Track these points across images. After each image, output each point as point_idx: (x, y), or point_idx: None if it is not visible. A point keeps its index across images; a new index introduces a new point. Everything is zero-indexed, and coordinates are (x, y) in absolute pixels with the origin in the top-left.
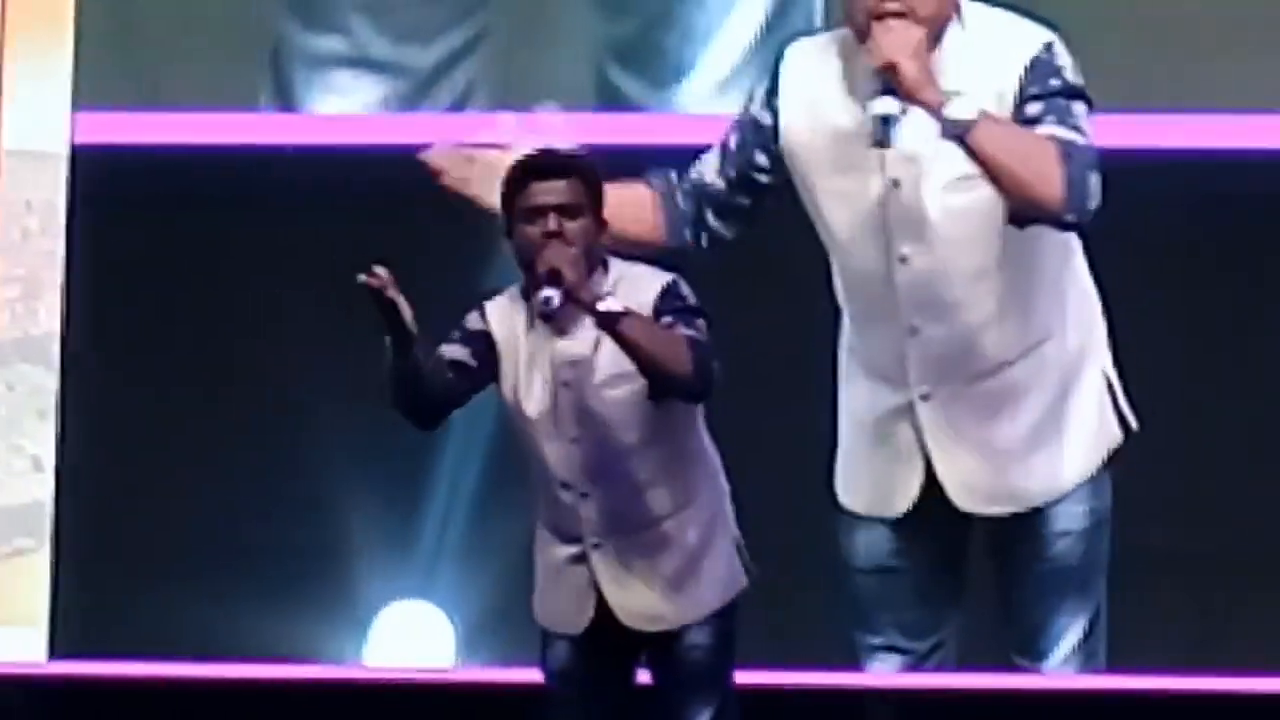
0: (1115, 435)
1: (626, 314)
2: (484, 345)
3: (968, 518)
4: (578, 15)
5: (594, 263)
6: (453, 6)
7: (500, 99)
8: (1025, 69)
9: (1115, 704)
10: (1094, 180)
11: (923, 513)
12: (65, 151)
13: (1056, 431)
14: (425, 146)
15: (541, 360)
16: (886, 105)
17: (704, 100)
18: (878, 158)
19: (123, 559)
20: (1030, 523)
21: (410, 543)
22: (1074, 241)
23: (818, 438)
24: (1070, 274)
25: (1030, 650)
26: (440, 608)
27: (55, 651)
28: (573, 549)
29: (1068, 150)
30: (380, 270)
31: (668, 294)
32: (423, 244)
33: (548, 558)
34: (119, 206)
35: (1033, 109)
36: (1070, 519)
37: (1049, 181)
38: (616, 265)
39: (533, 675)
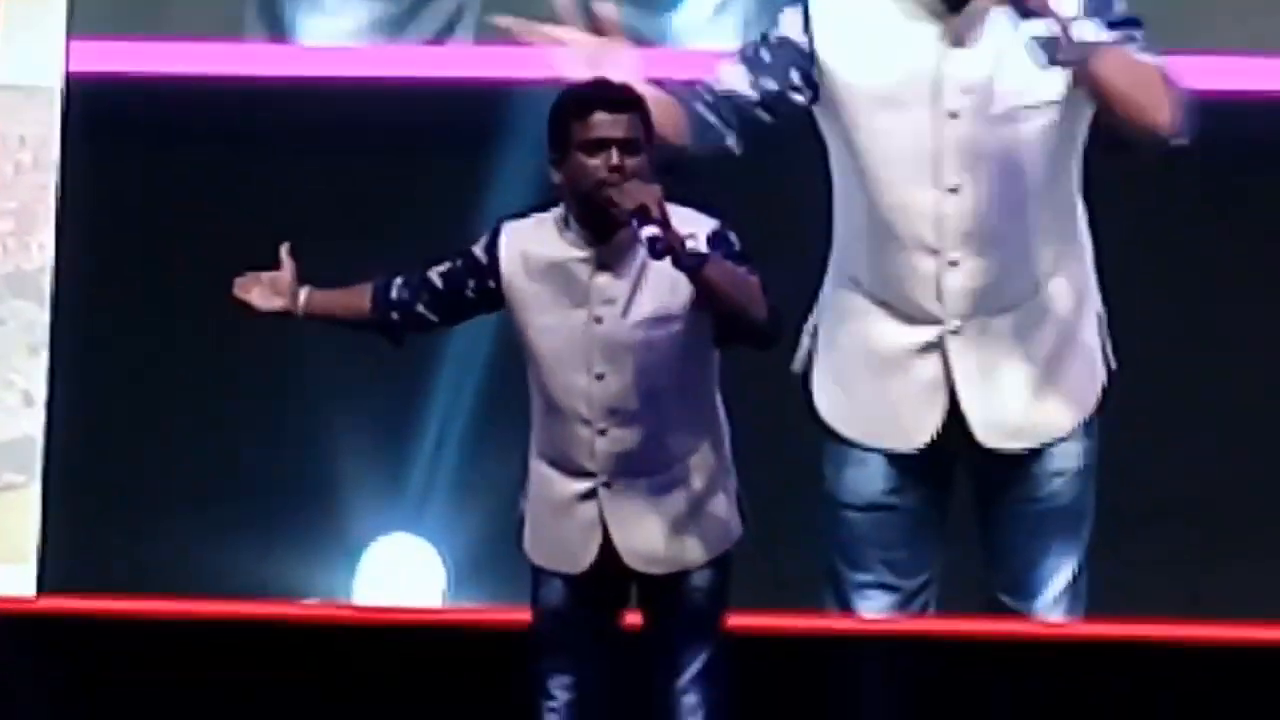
0: (1103, 375)
1: (711, 256)
2: (484, 277)
3: (957, 455)
4: None
5: None
6: None
7: (486, 25)
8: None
9: (1099, 651)
10: (1188, 103)
11: (928, 450)
12: (59, 86)
13: (1066, 366)
14: (422, 79)
15: (575, 293)
16: (1035, 29)
17: (698, 28)
18: (930, 92)
19: (112, 495)
20: (1027, 462)
21: (401, 477)
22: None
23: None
24: (1078, 209)
25: (1018, 590)
26: (430, 542)
27: (44, 587)
28: (582, 485)
29: (1167, 75)
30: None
31: (720, 239)
32: (420, 175)
33: (550, 494)
34: (113, 138)
35: (1109, 37)
36: (1065, 459)
37: (1162, 106)
38: None
39: (522, 614)
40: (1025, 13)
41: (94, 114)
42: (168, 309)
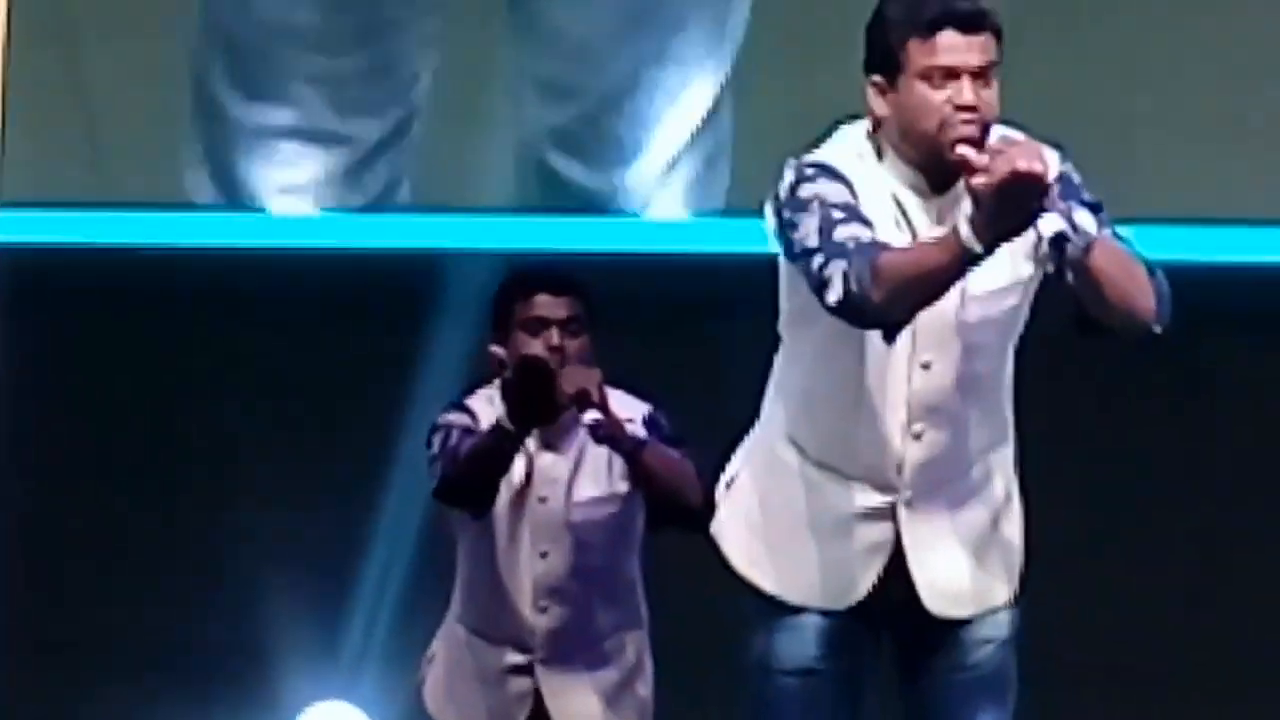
0: (1021, 549)
1: (649, 441)
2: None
3: (884, 622)
4: (512, 100)
5: None
6: (397, 82)
7: (434, 175)
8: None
9: None
10: (1167, 291)
11: (857, 613)
12: None
13: (1000, 538)
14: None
15: (520, 473)
16: (1056, 223)
17: (648, 186)
18: None
19: (47, 665)
20: (957, 630)
21: (335, 644)
22: None
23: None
24: (1009, 388)
25: None
26: (364, 710)
27: None
28: (518, 659)
29: (1148, 263)
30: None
31: (654, 423)
32: (362, 344)
33: (478, 664)
34: (43, 309)
35: (1094, 226)
36: (994, 627)
37: (1147, 294)
38: None
39: None
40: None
41: (23, 285)
42: (102, 481)
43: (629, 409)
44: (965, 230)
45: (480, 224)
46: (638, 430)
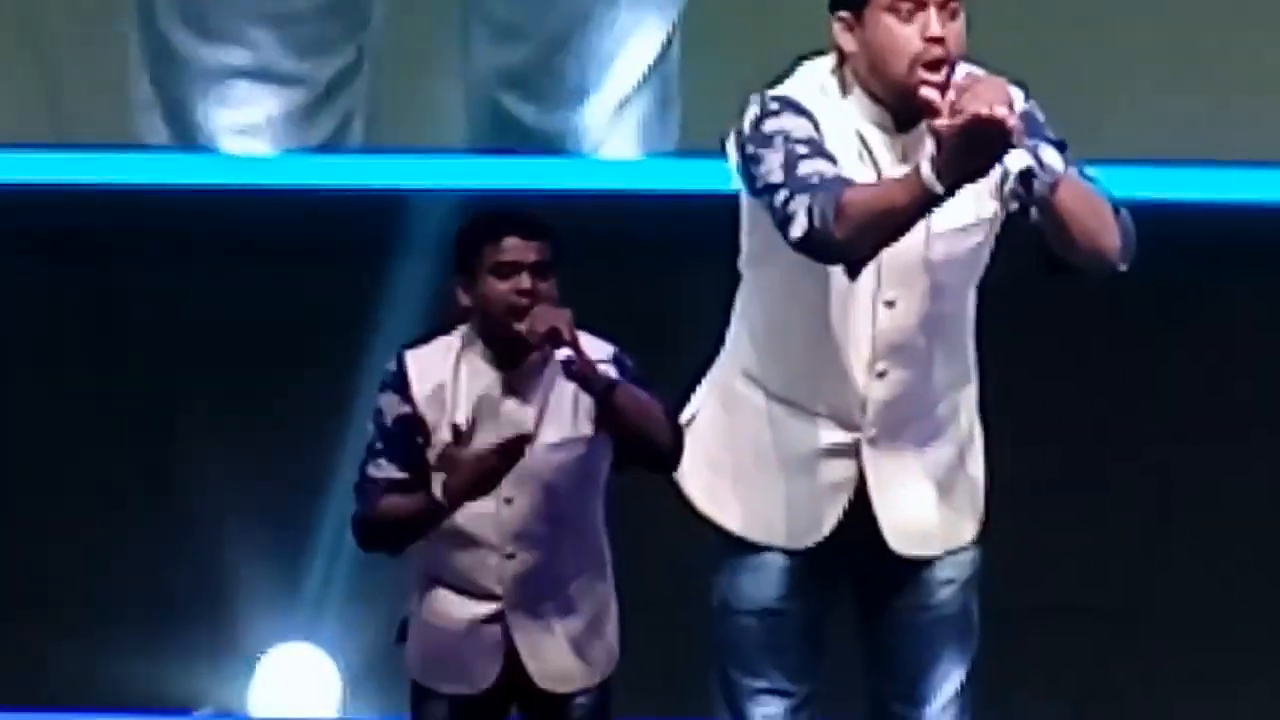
0: (984, 486)
1: (621, 382)
2: (415, 433)
3: (845, 561)
4: (463, 40)
5: None
6: (349, 22)
7: (386, 116)
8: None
9: None
10: (1132, 228)
11: (821, 552)
12: None
13: (966, 476)
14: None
15: (483, 418)
16: (1024, 159)
17: (600, 127)
18: None
19: (5, 610)
20: (920, 569)
21: (296, 586)
22: None
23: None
24: (971, 325)
25: (910, 697)
26: (326, 651)
27: None
28: (488, 608)
29: (1113, 200)
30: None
31: (619, 363)
32: (316, 283)
33: (447, 616)
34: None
35: (1061, 164)
36: (956, 567)
37: (1111, 231)
38: None
39: None
40: (1002, 148)
41: None
42: (56, 425)
43: (596, 350)
44: (927, 170)
45: (432, 164)
46: (609, 371)
